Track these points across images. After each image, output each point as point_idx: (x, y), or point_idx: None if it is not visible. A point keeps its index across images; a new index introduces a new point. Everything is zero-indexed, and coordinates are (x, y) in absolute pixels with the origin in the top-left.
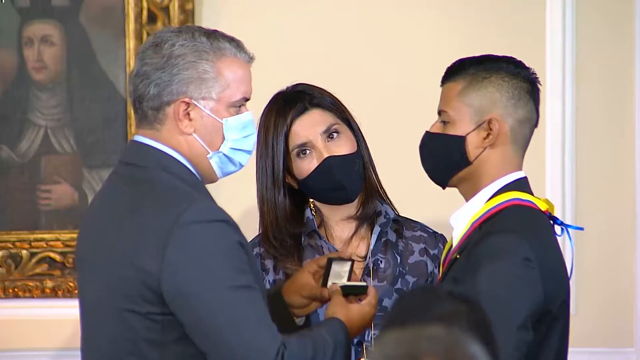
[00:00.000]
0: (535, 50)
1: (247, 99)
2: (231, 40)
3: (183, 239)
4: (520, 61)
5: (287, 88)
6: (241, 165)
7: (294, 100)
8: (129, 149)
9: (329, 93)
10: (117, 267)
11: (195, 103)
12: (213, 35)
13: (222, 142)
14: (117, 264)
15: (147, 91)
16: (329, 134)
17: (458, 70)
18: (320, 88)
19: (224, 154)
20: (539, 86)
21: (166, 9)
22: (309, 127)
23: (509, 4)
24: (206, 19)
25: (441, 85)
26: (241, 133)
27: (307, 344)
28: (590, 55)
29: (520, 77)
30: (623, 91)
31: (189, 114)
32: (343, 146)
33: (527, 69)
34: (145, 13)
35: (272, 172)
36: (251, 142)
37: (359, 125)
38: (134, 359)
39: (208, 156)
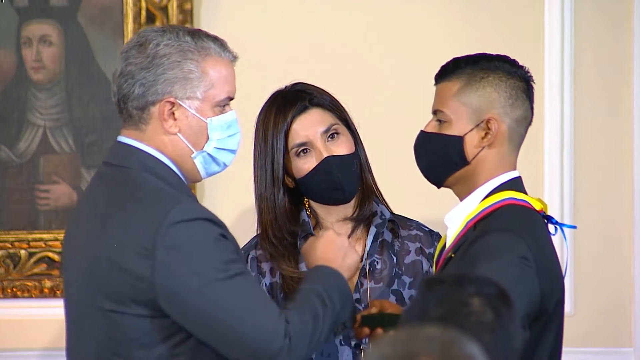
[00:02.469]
0: (533, 50)
1: (231, 99)
2: (215, 39)
3: (170, 240)
4: (514, 60)
5: (286, 87)
6: (225, 165)
7: (294, 99)
8: (112, 150)
9: (328, 93)
10: (104, 268)
11: (180, 103)
12: (197, 34)
13: (207, 142)
14: (103, 265)
15: (132, 91)
16: (329, 134)
17: (454, 70)
18: (318, 87)
19: (208, 154)
20: (533, 84)
21: (164, 9)
22: (309, 126)
23: (508, 4)
24: (205, 19)
25: (435, 84)
26: (225, 132)
27: (304, 308)
28: (588, 54)
29: (517, 76)
30: (621, 91)
31: (173, 113)
32: (342, 146)
33: (522, 67)
34: (143, 13)
35: (272, 170)
36: (235, 142)
37: (356, 126)
38: None
39: (192, 156)
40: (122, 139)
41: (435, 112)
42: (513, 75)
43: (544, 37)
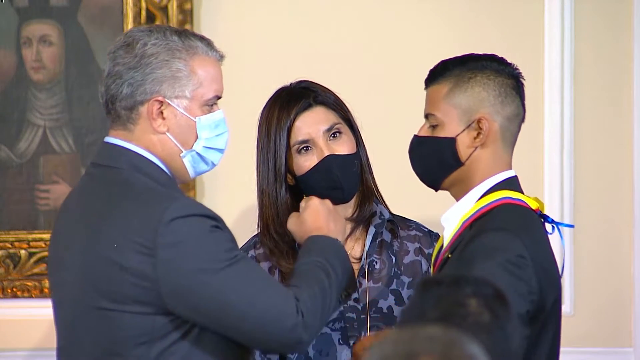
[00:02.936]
0: (533, 50)
1: (219, 97)
2: (202, 38)
3: (170, 237)
4: (502, 58)
5: (291, 84)
6: (213, 165)
7: (299, 96)
8: (101, 151)
9: (332, 92)
10: (102, 268)
11: (169, 102)
12: (184, 33)
13: (195, 141)
14: (102, 265)
15: (120, 91)
16: (332, 132)
17: (442, 72)
18: (323, 86)
19: (197, 153)
20: (523, 81)
21: (164, 9)
22: (312, 124)
23: (508, 4)
24: (204, 19)
25: (425, 88)
26: (214, 131)
27: (310, 282)
28: (588, 54)
29: (505, 74)
30: (621, 91)
31: (162, 112)
32: (344, 146)
33: (510, 65)
34: (143, 13)
35: (274, 166)
36: (223, 141)
37: (358, 127)
38: (119, 359)
39: (181, 155)
40: (110, 139)
41: (426, 116)
42: (501, 73)
43: (544, 37)
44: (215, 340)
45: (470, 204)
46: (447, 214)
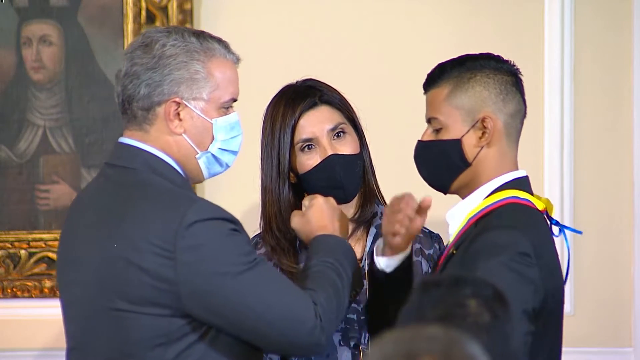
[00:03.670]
0: (533, 50)
1: (234, 100)
2: (219, 40)
3: (190, 240)
4: (499, 56)
5: (297, 82)
6: (227, 166)
7: (304, 95)
8: (115, 151)
9: (338, 91)
10: (120, 269)
11: (186, 103)
12: (202, 35)
13: (211, 142)
14: (120, 266)
15: (137, 91)
16: (336, 132)
17: (440, 75)
18: (329, 85)
19: (212, 154)
20: (521, 77)
21: (164, 9)
22: (316, 123)
23: (508, 4)
24: (204, 19)
25: (424, 93)
26: (229, 134)
27: (324, 285)
28: (588, 54)
29: (503, 71)
30: (621, 91)
31: (179, 114)
32: (347, 146)
33: (507, 62)
34: (143, 13)
35: (278, 163)
36: (237, 143)
37: (363, 128)
38: None
39: (197, 156)
40: (125, 139)
41: (429, 121)
42: (500, 70)
43: (544, 37)
44: (230, 343)
45: (477, 202)
46: (453, 211)
